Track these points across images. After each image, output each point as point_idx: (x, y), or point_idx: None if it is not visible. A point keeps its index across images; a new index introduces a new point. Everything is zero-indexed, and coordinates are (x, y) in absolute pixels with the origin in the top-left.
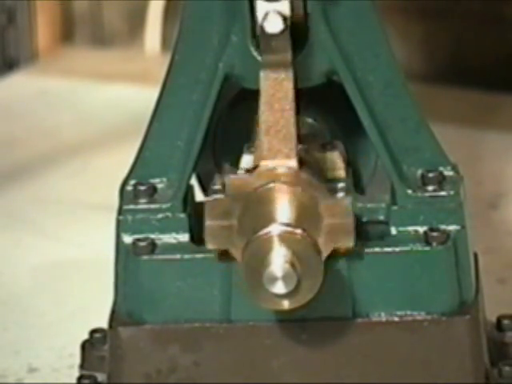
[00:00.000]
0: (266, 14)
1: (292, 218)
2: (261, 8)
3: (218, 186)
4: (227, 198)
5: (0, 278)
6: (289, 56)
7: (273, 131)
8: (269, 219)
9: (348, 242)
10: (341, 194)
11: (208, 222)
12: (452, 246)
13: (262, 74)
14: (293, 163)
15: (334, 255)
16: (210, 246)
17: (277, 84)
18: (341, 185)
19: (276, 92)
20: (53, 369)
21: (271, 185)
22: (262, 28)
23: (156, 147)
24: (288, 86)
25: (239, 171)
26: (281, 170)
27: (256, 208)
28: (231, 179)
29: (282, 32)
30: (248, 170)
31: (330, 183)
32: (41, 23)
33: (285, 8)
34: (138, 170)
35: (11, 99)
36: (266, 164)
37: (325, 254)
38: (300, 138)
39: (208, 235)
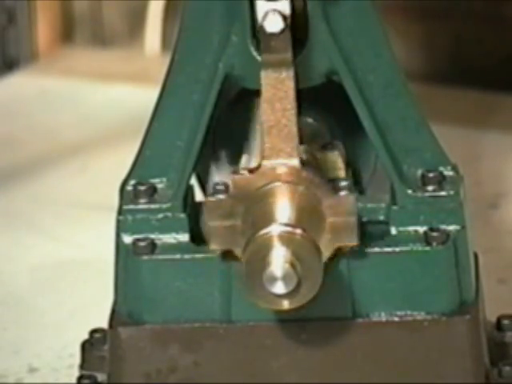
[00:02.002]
0: (266, 14)
1: (292, 218)
2: (261, 8)
3: (220, 186)
4: (230, 198)
5: (0, 278)
6: (289, 55)
7: (274, 131)
8: (269, 219)
9: (351, 241)
10: (343, 193)
11: (211, 223)
12: (452, 245)
13: (262, 73)
14: (295, 162)
15: (337, 254)
16: (213, 246)
17: (278, 83)
18: (343, 183)
19: (277, 91)
20: (53, 369)
21: (273, 184)
22: (261, 28)
23: (156, 147)
24: (289, 86)
25: (242, 171)
26: (283, 169)
27: (257, 208)
28: (234, 179)
29: (282, 31)
30: (250, 170)
31: (332, 181)
32: (41, 23)
33: (285, 7)
34: (138, 170)
35: (11, 99)
36: (268, 163)
37: (328, 253)
38: (302, 137)
39: (211, 235)
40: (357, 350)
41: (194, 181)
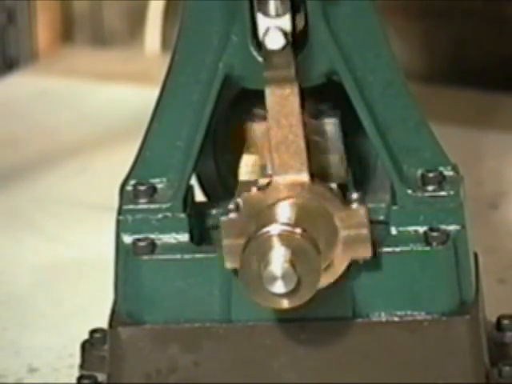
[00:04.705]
0: (267, 30)
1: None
2: (262, 24)
3: (231, 206)
4: (242, 217)
5: (0, 278)
6: (292, 71)
7: (282, 147)
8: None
9: (365, 252)
10: (355, 205)
11: (225, 242)
12: (452, 245)
13: (267, 90)
14: (305, 177)
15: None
16: (228, 265)
17: (282, 100)
18: (354, 196)
19: (282, 108)
20: (53, 369)
21: (284, 201)
22: (263, 44)
23: (156, 147)
24: (294, 101)
25: (253, 189)
26: (293, 185)
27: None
28: (245, 197)
29: (284, 48)
30: (260, 188)
31: (342, 194)
32: (41, 23)
33: (286, 24)
34: (137, 170)
35: (11, 99)
36: (278, 180)
37: (343, 266)
38: (309, 151)
39: (226, 254)
40: (357, 350)
41: (194, 181)
